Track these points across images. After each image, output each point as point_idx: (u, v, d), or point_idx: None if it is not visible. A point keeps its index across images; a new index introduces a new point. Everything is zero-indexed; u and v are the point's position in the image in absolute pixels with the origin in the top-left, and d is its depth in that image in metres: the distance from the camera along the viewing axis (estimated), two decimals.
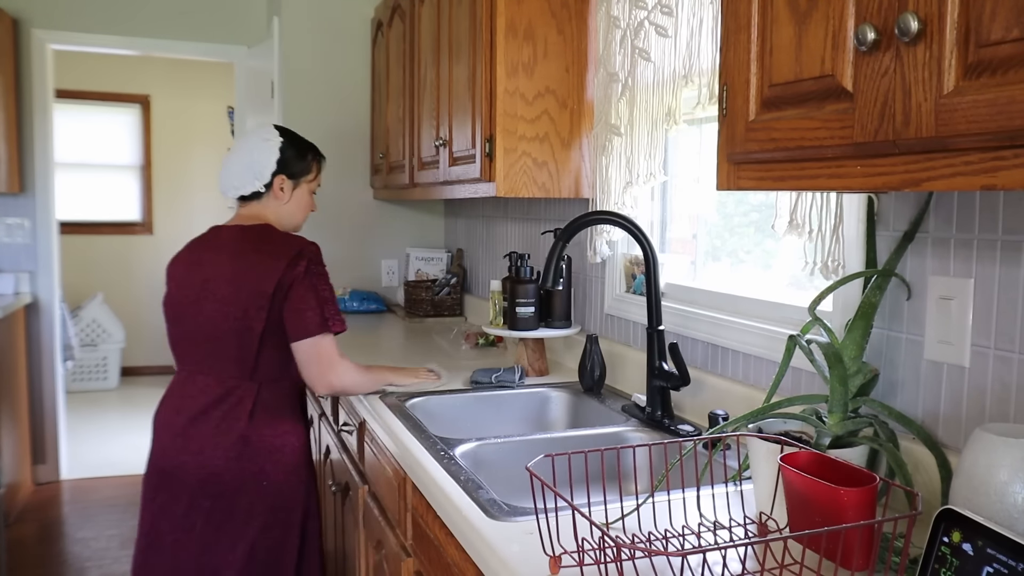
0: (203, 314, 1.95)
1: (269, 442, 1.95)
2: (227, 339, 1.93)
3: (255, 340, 1.91)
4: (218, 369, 1.95)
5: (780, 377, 1.35)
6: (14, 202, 4.12)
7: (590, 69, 2.23)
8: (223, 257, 1.97)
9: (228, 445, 1.92)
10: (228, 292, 1.92)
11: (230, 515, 1.93)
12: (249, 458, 1.93)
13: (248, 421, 1.93)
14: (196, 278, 1.98)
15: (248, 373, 1.95)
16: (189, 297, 1.97)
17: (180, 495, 1.93)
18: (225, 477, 1.92)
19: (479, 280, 3.39)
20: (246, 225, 2.04)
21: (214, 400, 1.94)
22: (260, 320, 1.90)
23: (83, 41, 4.14)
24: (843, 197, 1.39)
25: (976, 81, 0.75)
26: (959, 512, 0.86)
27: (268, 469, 1.95)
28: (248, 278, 1.91)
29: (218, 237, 2.04)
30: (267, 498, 1.96)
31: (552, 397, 2.11)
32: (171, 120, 6.88)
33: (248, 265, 1.93)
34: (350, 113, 3.73)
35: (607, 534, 0.93)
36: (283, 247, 1.95)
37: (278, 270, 1.90)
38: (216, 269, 1.96)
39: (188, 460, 1.92)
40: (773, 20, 1.02)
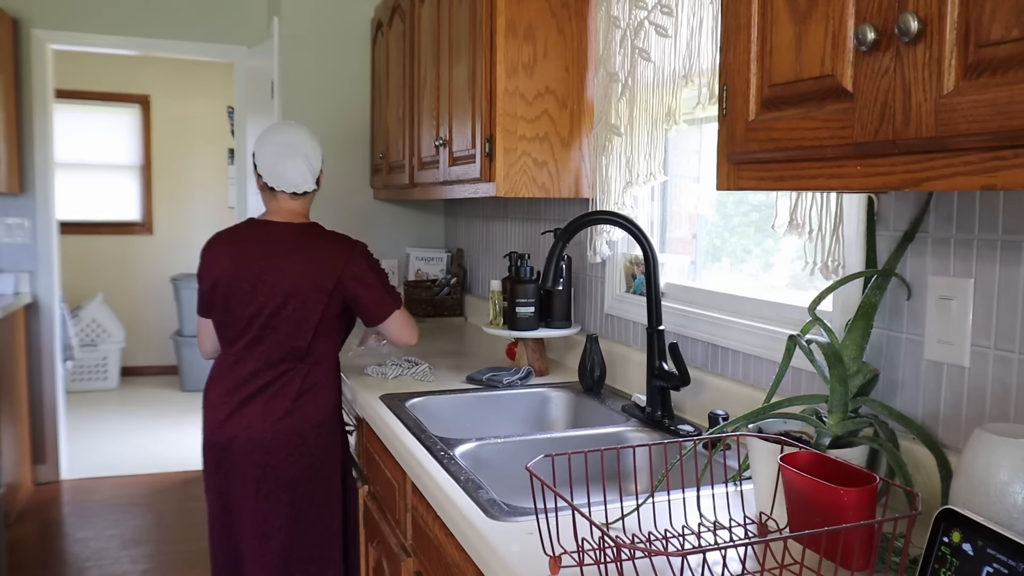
0: (258, 302, 2.10)
1: (311, 416, 2.13)
2: (283, 327, 2.10)
3: (311, 330, 2.11)
4: (269, 354, 2.12)
5: (780, 377, 1.35)
6: (14, 202, 4.12)
7: (590, 69, 2.23)
8: (282, 251, 2.13)
9: (274, 420, 2.10)
10: (288, 285, 2.09)
11: (277, 483, 2.11)
12: (295, 431, 2.11)
13: (295, 399, 2.12)
14: (251, 268, 2.11)
15: (300, 357, 2.13)
16: (244, 287, 2.11)
17: (235, 466, 2.12)
18: (271, 448, 2.10)
19: (479, 280, 3.39)
20: (297, 223, 2.20)
21: (266, 382, 2.12)
22: (317, 312, 2.10)
23: (83, 41, 4.14)
24: (843, 197, 1.39)
25: (976, 81, 0.75)
26: (959, 512, 0.86)
27: (309, 439, 2.13)
28: (309, 273, 2.10)
29: (269, 232, 2.17)
30: (308, 468, 2.13)
31: (552, 397, 2.11)
32: (171, 120, 6.88)
33: (310, 261, 2.11)
34: (350, 113, 3.73)
35: (607, 534, 0.93)
36: (340, 246, 2.17)
37: (337, 267, 2.11)
38: (274, 263, 2.11)
39: (239, 435, 2.10)
40: (773, 20, 1.02)
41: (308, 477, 2.13)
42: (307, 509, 2.14)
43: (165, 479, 4.43)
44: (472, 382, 2.17)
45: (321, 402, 2.15)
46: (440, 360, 2.49)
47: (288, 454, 2.10)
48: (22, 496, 4.03)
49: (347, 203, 3.74)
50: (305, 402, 2.13)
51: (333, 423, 2.19)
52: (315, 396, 2.14)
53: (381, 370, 2.26)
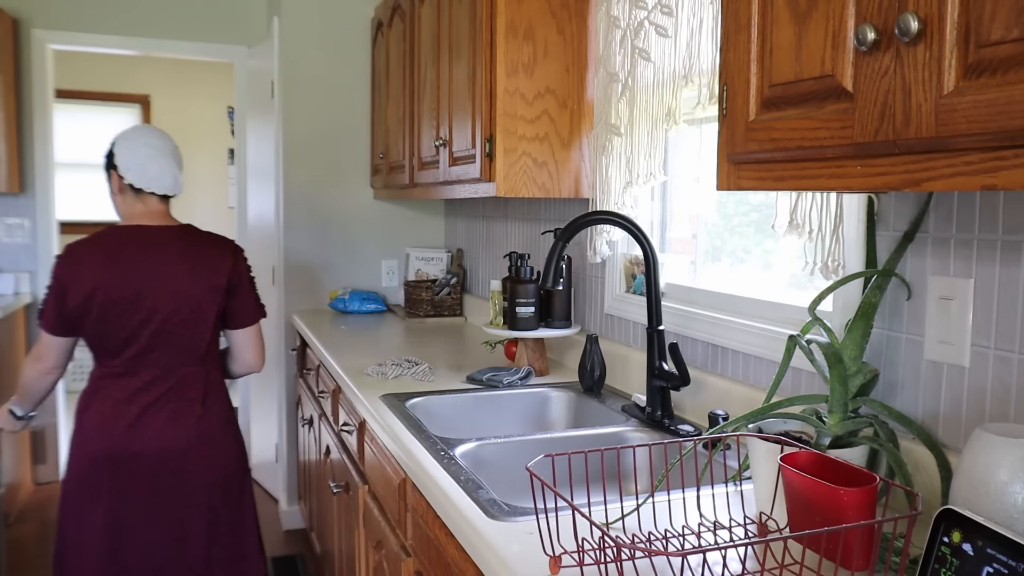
0: (147, 309, 2.04)
1: (220, 416, 2.17)
2: (179, 331, 2.08)
3: (208, 331, 2.11)
4: (165, 361, 2.08)
5: (780, 377, 1.35)
6: (14, 202, 4.11)
7: (590, 69, 2.23)
8: (167, 255, 2.07)
9: (187, 427, 2.10)
10: (179, 288, 2.06)
11: (194, 488, 2.11)
12: (206, 434, 2.12)
13: (202, 403, 2.12)
14: (134, 275, 2.03)
15: (197, 359, 2.12)
16: (127, 295, 2.02)
17: (141, 480, 2.06)
18: (187, 455, 2.09)
19: (479, 280, 3.39)
20: (175, 225, 2.15)
21: (167, 389, 2.09)
22: (213, 312, 2.11)
23: (83, 41, 4.14)
24: (843, 197, 1.39)
25: (976, 81, 0.75)
26: (959, 512, 0.86)
27: (219, 438, 2.16)
28: (202, 274, 2.09)
29: (147, 237, 2.08)
30: (223, 468, 2.17)
31: (552, 397, 2.11)
32: (171, 120, 6.88)
33: (201, 262, 2.10)
34: (350, 113, 3.73)
35: (607, 534, 0.93)
36: (223, 245, 2.18)
37: (227, 266, 2.13)
38: (156, 266, 2.05)
39: (147, 446, 2.06)
40: (773, 20, 1.02)
41: (223, 477, 2.17)
42: (223, 508, 2.17)
43: None
44: (472, 382, 2.17)
45: (223, 401, 2.19)
46: (440, 360, 2.49)
47: (204, 457, 2.11)
48: (22, 496, 4.03)
49: (347, 203, 3.74)
50: (212, 403, 2.15)
51: (235, 421, 2.24)
52: (217, 396, 2.17)
53: (381, 370, 2.26)
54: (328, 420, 2.68)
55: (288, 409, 3.69)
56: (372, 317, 3.47)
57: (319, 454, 2.88)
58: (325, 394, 2.71)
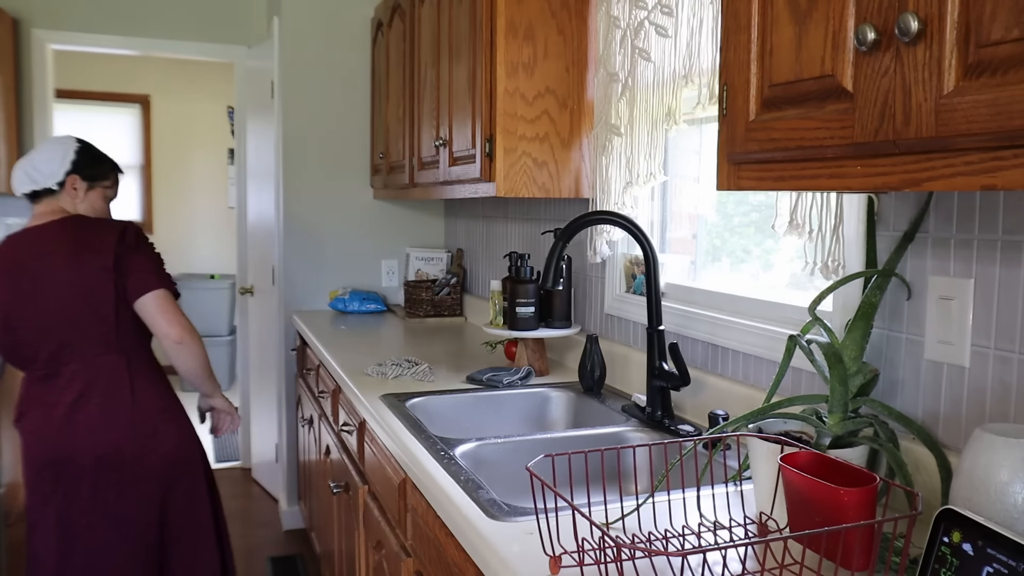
0: (46, 306, 2.03)
1: (155, 404, 2.12)
2: (82, 319, 2.04)
3: (110, 311, 2.06)
4: (79, 353, 2.06)
5: (780, 377, 1.35)
6: (14, 202, 4.11)
7: (590, 69, 2.23)
8: (49, 249, 2.05)
9: (119, 419, 2.05)
10: (69, 276, 2.03)
11: (137, 480, 2.08)
12: (142, 424, 2.08)
13: (131, 391, 2.08)
14: (23, 280, 2.04)
15: (112, 346, 2.08)
16: (22, 300, 2.04)
17: (82, 479, 2.04)
18: (124, 447, 2.05)
19: (479, 280, 3.39)
20: (57, 218, 2.12)
21: (87, 383, 2.05)
22: (109, 291, 2.05)
23: (83, 41, 4.14)
24: (843, 197, 1.39)
25: (976, 81, 0.75)
26: (959, 512, 0.86)
27: (161, 429, 2.11)
28: (85, 256, 2.04)
29: (31, 237, 2.09)
30: (166, 456, 2.12)
31: (552, 397, 2.11)
32: (171, 120, 6.88)
33: (82, 244, 2.05)
34: (350, 113, 3.73)
35: (607, 534, 0.93)
36: (108, 225, 2.11)
37: (111, 244, 2.06)
38: (45, 262, 2.04)
39: (81, 444, 2.03)
40: (773, 20, 1.02)
41: (169, 465, 2.12)
42: (172, 497, 2.14)
43: None
44: (472, 382, 2.17)
45: (158, 388, 2.14)
46: (440, 360, 2.49)
47: (142, 447, 2.07)
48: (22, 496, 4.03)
49: (347, 203, 3.74)
50: (141, 392, 2.09)
51: (177, 407, 2.18)
52: (149, 383, 2.12)
53: (381, 370, 2.26)
54: (328, 420, 2.68)
55: (288, 409, 3.69)
56: (372, 317, 3.47)
57: (319, 454, 2.88)
58: (325, 394, 2.71)
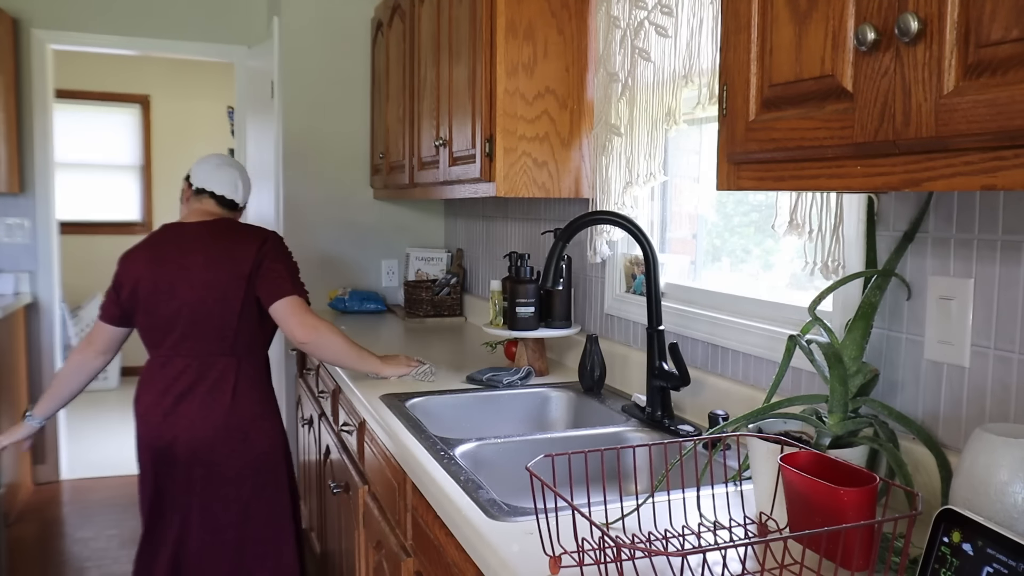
0: (179, 299, 2.15)
1: (251, 410, 2.20)
2: (207, 319, 2.15)
3: (234, 317, 2.16)
4: (197, 349, 2.17)
5: (780, 377, 1.35)
6: (14, 202, 4.12)
7: (590, 69, 2.23)
8: (196, 247, 2.19)
9: (216, 417, 2.15)
10: (207, 277, 2.15)
11: (224, 480, 2.17)
12: (235, 427, 2.17)
13: (232, 394, 2.17)
14: (168, 269, 2.17)
15: (228, 349, 2.18)
16: (162, 287, 2.16)
17: (176, 466, 2.15)
18: (216, 446, 2.15)
19: (479, 280, 3.39)
20: (211, 220, 2.27)
21: (196, 378, 2.16)
22: (238, 299, 2.15)
23: (83, 41, 4.14)
24: (843, 197, 1.39)
25: (976, 81, 0.75)
26: (959, 512, 0.86)
27: (252, 435, 2.19)
28: (225, 262, 2.16)
29: (183, 232, 2.24)
30: (254, 461, 2.20)
31: (552, 397, 2.11)
32: (171, 120, 6.88)
33: (224, 251, 2.18)
34: (350, 113, 3.73)
35: (607, 534, 0.93)
36: (253, 234, 2.24)
37: (252, 252, 2.17)
38: (189, 259, 2.18)
39: (180, 435, 2.14)
40: (773, 20, 1.02)
41: (254, 471, 2.19)
42: (256, 502, 2.21)
43: None
44: (472, 382, 2.17)
45: (257, 394, 2.22)
46: (440, 360, 2.49)
47: (232, 450, 2.16)
48: (22, 496, 4.03)
49: (347, 203, 3.74)
50: (242, 396, 2.18)
51: (272, 415, 2.26)
52: (251, 388, 2.21)
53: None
54: (328, 420, 2.68)
55: (288, 409, 3.69)
56: (372, 317, 3.47)
57: (319, 454, 2.88)
58: (325, 394, 2.71)
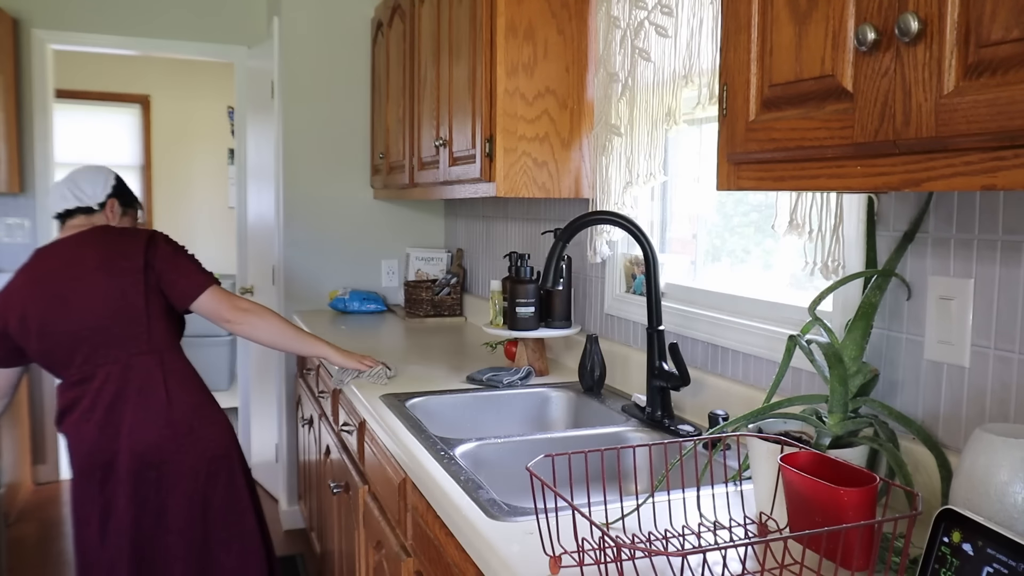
0: (78, 312, 2.07)
1: (190, 401, 2.16)
2: (115, 323, 2.09)
3: (142, 314, 2.11)
4: (114, 355, 2.10)
5: (780, 377, 1.35)
6: (14, 202, 4.12)
7: (590, 69, 2.23)
8: (79, 257, 2.11)
9: (155, 417, 2.10)
10: (100, 281, 2.08)
11: (178, 477, 2.13)
12: (179, 421, 2.13)
13: (165, 390, 2.12)
14: (54, 287, 2.09)
15: (145, 347, 2.12)
16: (54, 306, 2.08)
17: (124, 478, 2.09)
18: (163, 445, 2.11)
19: (479, 280, 3.39)
20: (85, 230, 2.18)
21: (122, 383, 2.09)
22: (139, 294, 2.10)
23: (83, 41, 4.14)
24: (843, 197, 1.39)
25: (976, 81, 0.75)
26: (959, 512, 0.86)
27: (196, 427, 2.16)
28: (115, 261, 2.10)
29: (59, 249, 2.15)
30: (204, 452, 2.17)
31: (552, 397, 2.11)
32: (171, 120, 6.88)
33: (111, 253, 2.11)
34: (350, 113, 3.73)
35: (607, 534, 0.93)
36: (135, 232, 2.18)
37: (140, 248, 2.12)
38: (76, 270, 2.10)
39: (122, 445, 2.08)
40: (773, 20, 1.02)
41: (207, 461, 2.17)
42: (213, 492, 2.18)
43: None
44: (472, 382, 2.17)
45: (191, 385, 2.18)
46: (440, 360, 2.49)
47: (180, 445, 2.12)
48: (22, 496, 4.03)
49: (347, 203, 3.74)
50: (175, 389, 2.14)
51: (211, 402, 2.23)
52: (183, 381, 2.16)
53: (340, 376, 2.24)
54: (328, 420, 2.68)
55: (288, 409, 3.69)
56: (372, 317, 3.47)
57: (319, 454, 2.88)
58: (325, 394, 2.71)
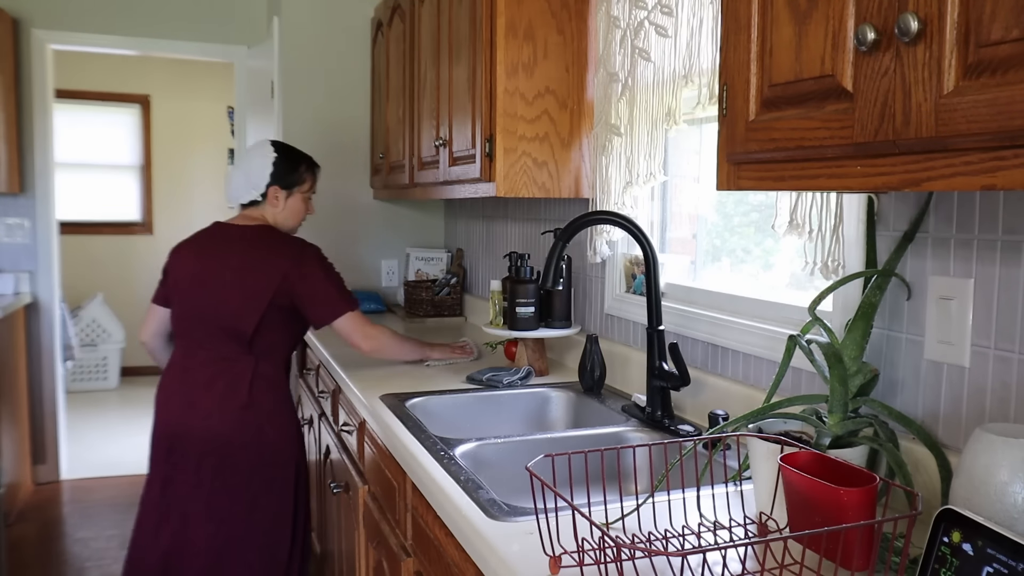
0: (210, 298, 2.26)
1: (267, 407, 2.27)
2: (230, 321, 2.24)
3: (251, 327, 2.24)
4: (219, 347, 2.27)
5: (780, 377, 1.35)
6: (14, 202, 4.12)
7: (590, 69, 2.23)
8: (233, 249, 2.31)
9: (232, 410, 2.23)
10: (238, 281, 2.25)
11: (235, 470, 2.24)
12: (251, 421, 2.24)
13: (248, 391, 2.24)
14: (206, 267, 2.30)
15: (247, 349, 2.26)
16: (197, 283, 2.29)
17: (190, 455, 2.23)
18: (230, 438, 2.22)
19: (479, 280, 3.39)
20: (253, 225, 2.37)
21: (216, 373, 2.25)
22: (261, 308, 2.23)
23: (83, 41, 4.14)
24: (843, 197, 1.39)
25: (976, 81, 0.75)
26: (959, 512, 0.86)
27: (267, 429, 2.27)
28: (257, 270, 2.25)
29: (225, 233, 2.37)
30: (266, 455, 2.27)
31: (552, 397, 2.11)
32: (171, 120, 6.88)
33: (256, 258, 2.27)
34: (350, 113, 3.73)
35: (607, 534, 0.93)
36: (286, 246, 2.31)
37: (284, 266, 2.24)
38: (226, 260, 2.29)
39: (196, 424, 2.22)
40: (773, 20, 1.02)
41: (266, 466, 2.26)
42: (262, 496, 2.27)
43: None
44: (472, 382, 2.17)
45: (276, 393, 2.30)
46: None
47: (246, 442, 2.23)
48: (22, 496, 4.03)
49: (347, 203, 3.74)
50: (258, 394, 2.25)
51: (288, 414, 2.34)
52: (268, 387, 2.28)
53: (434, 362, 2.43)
54: (328, 420, 2.68)
55: None
56: (372, 317, 3.46)
57: (319, 454, 2.88)
58: (325, 394, 2.71)
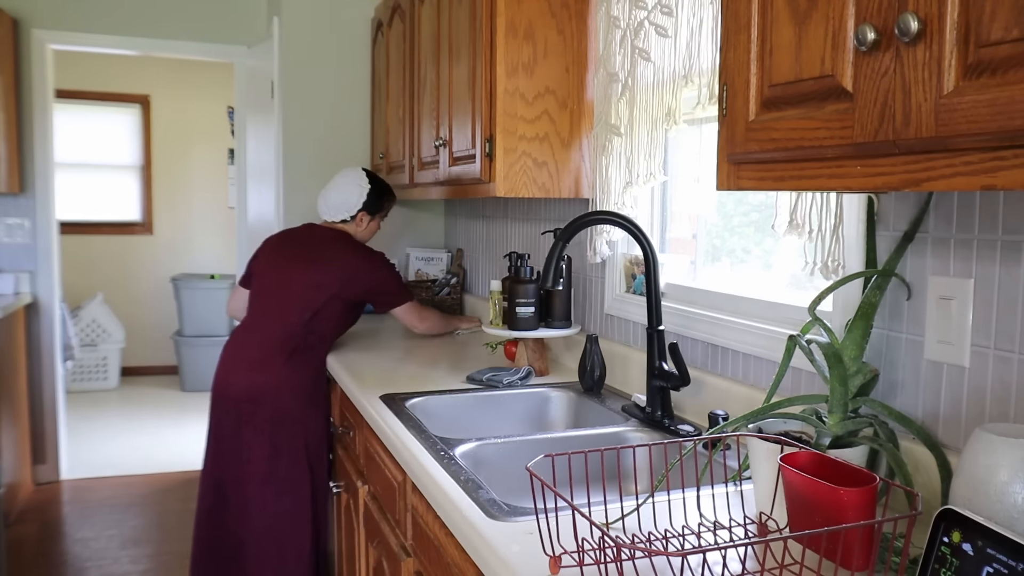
0: (284, 277, 2.65)
1: (304, 373, 2.58)
2: (288, 306, 2.60)
3: (308, 313, 2.58)
4: (273, 325, 2.61)
5: (780, 377, 1.35)
6: (14, 202, 4.12)
7: (590, 69, 2.23)
8: (311, 244, 2.71)
9: (270, 373, 2.55)
10: (303, 274, 2.62)
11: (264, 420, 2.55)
12: (283, 385, 2.55)
13: (288, 358, 2.56)
14: (282, 254, 2.72)
15: (302, 326, 2.59)
16: (272, 266, 2.71)
17: (231, 409, 2.60)
18: (265, 392, 2.54)
19: (479, 280, 3.39)
20: (336, 229, 2.80)
21: (264, 342, 2.59)
22: (317, 302, 2.58)
23: (83, 41, 4.14)
24: (843, 197, 1.39)
25: (976, 81, 0.75)
26: (959, 512, 0.86)
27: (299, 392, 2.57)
28: (321, 268, 2.62)
29: (311, 231, 2.78)
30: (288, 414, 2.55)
31: (552, 397, 2.11)
32: (171, 120, 6.88)
33: (326, 259, 2.65)
34: (350, 113, 3.73)
35: (607, 534, 0.93)
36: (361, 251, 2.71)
37: (358, 264, 2.66)
38: (301, 252, 2.69)
39: (241, 377, 2.58)
40: (773, 20, 1.02)
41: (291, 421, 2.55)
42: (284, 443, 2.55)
43: (165, 479, 4.43)
44: (472, 382, 2.17)
45: (309, 368, 2.59)
46: (440, 360, 2.49)
47: (273, 398, 2.54)
48: (22, 496, 4.03)
49: None
50: (299, 362, 2.57)
51: (315, 392, 2.61)
52: (305, 361, 2.58)
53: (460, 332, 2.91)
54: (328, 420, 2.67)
55: None
56: (372, 317, 3.47)
57: None
58: None
